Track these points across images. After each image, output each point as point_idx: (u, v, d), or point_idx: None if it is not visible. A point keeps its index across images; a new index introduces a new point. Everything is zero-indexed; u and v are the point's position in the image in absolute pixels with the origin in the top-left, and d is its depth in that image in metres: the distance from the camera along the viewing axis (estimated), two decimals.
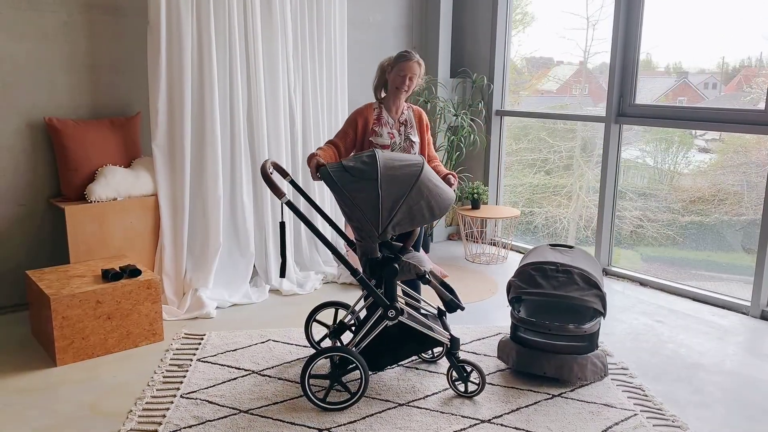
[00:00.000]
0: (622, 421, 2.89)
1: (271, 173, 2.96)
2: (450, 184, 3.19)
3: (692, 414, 2.99)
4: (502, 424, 2.84)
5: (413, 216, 2.84)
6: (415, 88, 3.39)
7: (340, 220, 5.00)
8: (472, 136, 5.27)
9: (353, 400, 2.93)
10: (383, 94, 3.44)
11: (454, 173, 3.34)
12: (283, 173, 3.28)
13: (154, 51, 3.89)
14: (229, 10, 4.10)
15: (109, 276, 3.49)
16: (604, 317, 3.31)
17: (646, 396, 3.12)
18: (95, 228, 3.84)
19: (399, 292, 3.07)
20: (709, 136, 5.11)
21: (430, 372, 3.32)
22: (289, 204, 2.94)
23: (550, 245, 3.70)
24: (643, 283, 4.75)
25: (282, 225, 2.99)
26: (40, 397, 3.02)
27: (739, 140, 4.79)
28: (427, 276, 2.96)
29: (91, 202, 3.83)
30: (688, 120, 4.44)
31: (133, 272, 3.56)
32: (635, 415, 2.94)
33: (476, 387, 3.06)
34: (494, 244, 5.65)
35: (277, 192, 2.90)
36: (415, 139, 3.39)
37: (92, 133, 3.94)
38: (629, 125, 4.83)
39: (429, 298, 4.08)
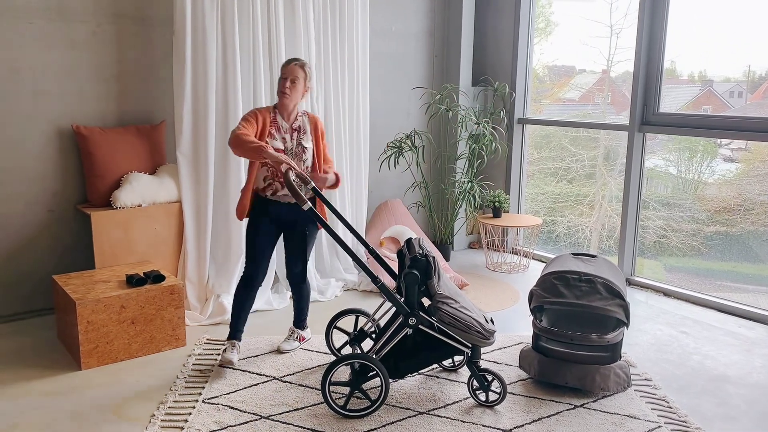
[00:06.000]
0: None
1: (294, 180, 2.99)
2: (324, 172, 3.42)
3: (718, 427, 2.94)
4: None
5: None
6: (306, 94, 3.39)
7: (361, 228, 5.01)
8: (493, 144, 5.27)
9: (374, 407, 2.93)
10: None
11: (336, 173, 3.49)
12: (305, 181, 3.32)
13: (180, 60, 3.95)
14: (253, 18, 4.15)
15: (133, 281, 3.54)
16: (627, 327, 3.27)
17: (670, 408, 3.07)
18: (120, 234, 3.90)
19: (446, 291, 3.05)
20: (735, 145, 5.04)
21: (451, 380, 3.31)
22: (312, 211, 2.97)
23: (573, 254, 3.68)
24: (667, 294, 4.69)
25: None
26: (65, 400, 3.07)
27: (766, 149, 4.72)
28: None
29: (116, 208, 3.89)
30: (713, 129, 4.39)
31: (156, 278, 3.60)
32: (659, 427, 2.90)
33: (497, 396, 3.04)
34: (516, 253, 5.62)
35: (300, 199, 2.93)
36: (308, 145, 3.40)
37: (118, 141, 4.00)
38: (653, 134, 4.79)
39: None
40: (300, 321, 3.70)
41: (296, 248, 3.47)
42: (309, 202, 2.97)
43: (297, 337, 3.69)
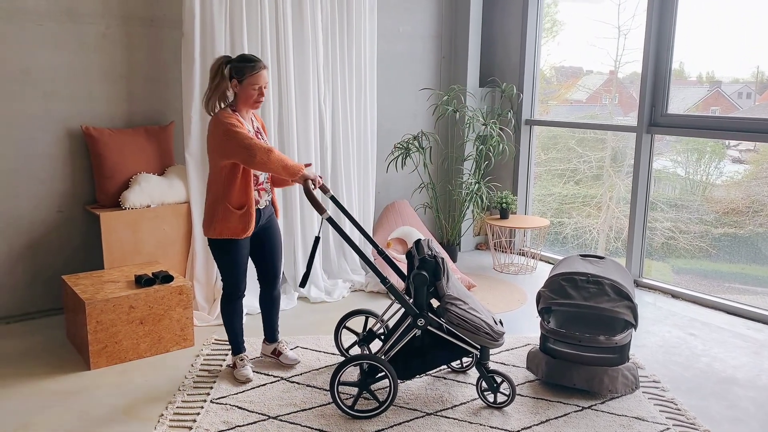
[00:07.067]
0: None
1: (314, 189, 3.00)
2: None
3: (726, 429, 2.93)
4: None
5: None
6: None
7: (368, 229, 5.02)
8: (500, 145, 5.27)
9: (382, 408, 2.94)
10: (223, 104, 3.10)
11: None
12: (325, 190, 3.29)
13: (188, 61, 3.96)
14: (261, 21, 4.16)
15: (142, 282, 3.55)
16: (635, 329, 3.27)
17: (678, 410, 3.07)
18: (129, 234, 3.91)
19: (455, 293, 3.05)
20: (743, 147, 5.02)
21: (459, 382, 3.31)
22: (330, 220, 2.97)
23: (581, 255, 3.67)
24: (675, 296, 4.67)
25: (317, 240, 3.02)
26: (74, 400, 3.08)
27: None
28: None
29: (125, 208, 3.91)
30: (722, 130, 4.37)
31: (165, 278, 3.62)
32: (668, 429, 2.89)
33: (506, 398, 3.04)
34: (523, 254, 5.62)
35: (321, 209, 2.93)
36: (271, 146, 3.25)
37: (127, 142, 4.02)
38: (661, 135, 4.78)
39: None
40: (277, 332, 3.50)
41: (277, 248, 3.35)
42: (327, 211, 2.97)
43: (287, 345, 3.54)
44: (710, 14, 4.57)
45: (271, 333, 3.48)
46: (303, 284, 3.00)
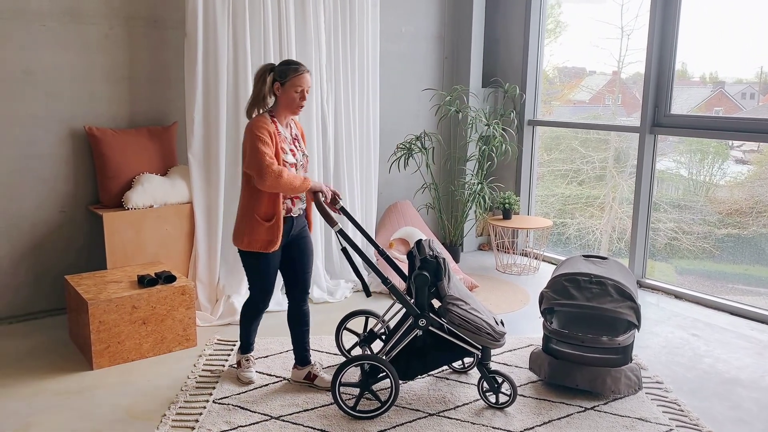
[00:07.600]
0: None
1: (324, 201, 3.00)
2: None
3: (730, 430, 2.92)
4: None
5: None
6: None
7: (371, 229, 5.02)
8: (503, 145, 5.26)
9: (384, 408, 2.93)
10: (263, 109, 3.03)
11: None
12: (335, 201, 3.25)
13: (191, 62, 3.97)
14: (264, 21, 4.17)
15: (144, 282, 3.56)
16: (638, 330, 3.26)
17: (681, 411, 3.06)
18: (132, 234, 3.92)
19: (456, 293, 3.05)
20: (747, 147, 5.01)
21: (461, 382, 3.30)
22: (342, 233, 2.97)
23: (584, 256, 3.66)
24: (678, 296, 4.66)
25: (344, 250, 3.02)
26: (77, 400, 3.09)
27: None
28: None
29: (128, 209, 3.92)
30: (725, 130, 4.36)
31: (168, 278, 3.62)
32: (671, 430, 2.89)
33: (507, 398, 3.04)
34: (526, 255, 5.61)
35: (332, 222, 2.92)
36: (308, 153, 3.18)
37: (130, 142, 4.03)
38: (664, 136, 4.77)
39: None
40: (309, 352, 3.28)
41: (309, 261, 3.20)
42: (339, 224, 2.97)
43: (320, 367, 3.31)
44: (714, 14, 4.56)
45: (302, 355, 3.25)
46: (368, 294, 2.95)
